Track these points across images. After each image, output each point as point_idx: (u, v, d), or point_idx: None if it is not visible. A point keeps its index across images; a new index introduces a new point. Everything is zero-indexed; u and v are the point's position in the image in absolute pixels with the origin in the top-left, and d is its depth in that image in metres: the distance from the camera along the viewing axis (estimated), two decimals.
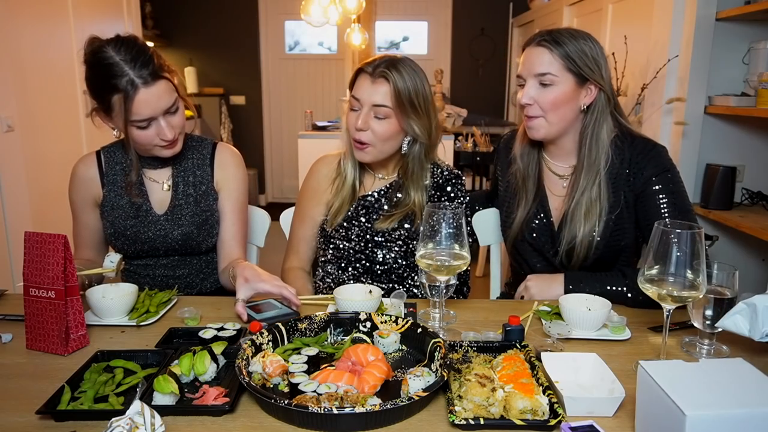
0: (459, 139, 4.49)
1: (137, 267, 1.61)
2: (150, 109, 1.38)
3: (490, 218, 1.78)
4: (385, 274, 1.57)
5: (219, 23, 6.08)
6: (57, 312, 1.12)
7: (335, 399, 0.90)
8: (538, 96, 1.43)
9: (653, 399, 0.79)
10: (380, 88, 1.45)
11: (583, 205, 1.46)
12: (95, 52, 1.38)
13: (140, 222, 1.53)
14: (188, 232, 1.55)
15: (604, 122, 1.46)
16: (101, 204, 1.55)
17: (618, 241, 1.48)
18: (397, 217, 1.53)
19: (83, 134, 3.49)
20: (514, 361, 1.01)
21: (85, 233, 1.59)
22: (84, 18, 3.49)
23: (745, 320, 1.01)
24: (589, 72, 1.42)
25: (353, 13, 4.28)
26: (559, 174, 1.56)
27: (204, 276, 1.65)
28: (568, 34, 1.43)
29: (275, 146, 6.47)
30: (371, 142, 1.48)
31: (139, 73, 1.35)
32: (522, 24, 5.37)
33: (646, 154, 1.45)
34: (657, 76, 2.69)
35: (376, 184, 1.60)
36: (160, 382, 0.93)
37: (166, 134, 1.42)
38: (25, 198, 2.88)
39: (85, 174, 1.56)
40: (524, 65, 1.46)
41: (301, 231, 1.65)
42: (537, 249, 1.57)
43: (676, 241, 0.98)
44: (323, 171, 1.64)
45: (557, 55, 1.41)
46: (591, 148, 1.46)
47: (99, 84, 1.39)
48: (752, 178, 2.63)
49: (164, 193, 1.57)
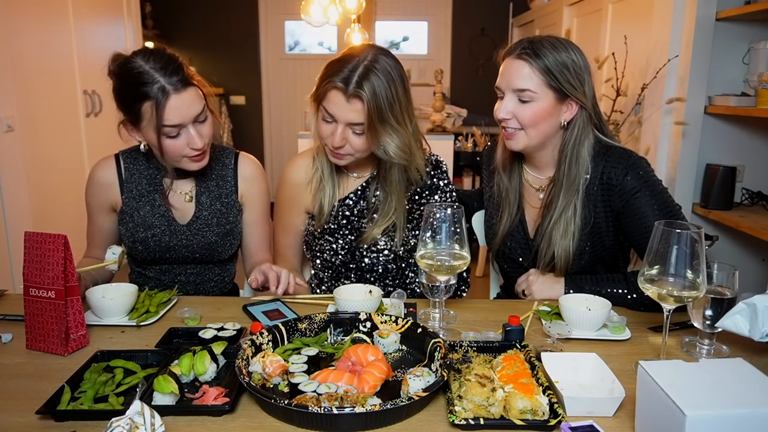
0: (459, 139, 4.49)
1: (149, 271, 1.60)
2: (180, 115, 1.36)
3: None
4: (378, 280, 1.57)
5: (219, 23, 6.08)
6: (57, 312, 1.12)
7: (335, 399, 0.90)
8: (516, 111, 1.38)
9: (653, 399, 0.79)
10: (356, 106, 1.35)
11: (561, 225, 1.42)
12: (123, 63, 1.38)
13: (162, 232, 1.52)
14: (211, 242, 1.54)
15: (585, 139, 1.41)
16: (120, 211, 1.53)
17: (597, 253, 1.46)
18: (379, 230, 1.50)
19: (83, 134, 3.49)
20: (514, 361, 1.01)
21: (98, 234, 1.58)
22: (84, 18, 3.49)
23: (745, 320, 1.01)
24: (570, 89, 1.36)
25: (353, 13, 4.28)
26: (536, 186, 1.53)
27: (215, 283, 1.65)
28: (550, 46, 1.36)
29: (275, 146, 6.47)
30: (349, 152, 1.43)
31: (169, 80, 1.35)
32: (522, 24, 5.37)
33: (625, 166, 1.38)
34: (657, 76, 2.69)
35: (351, 184, 1.56)
36: (160, 382, 0.93)
37: (197, 143, 1.40)
38: (25, 198, 2.88)
39: (103, 179, 1.53)
40: (503, 77, 1.40)
41: (285, 240, 1.63)
42: (512, 258, 1.57)
43: (676, 241, 0.98)
44: (295, 178, 1.57)
45: (537, 70, 1.35)
46: (571, 166, 1.41)
47: (129, 93, 1.37)
48: (752, 178, 2.63)
49: (187, 204, 1.55)
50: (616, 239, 1.46)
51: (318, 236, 1.56)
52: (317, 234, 1.55)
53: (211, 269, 1.62)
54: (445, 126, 4.52)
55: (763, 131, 2.60)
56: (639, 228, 1.38)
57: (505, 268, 1.63)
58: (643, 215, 1.37)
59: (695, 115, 2.59)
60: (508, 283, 1.69)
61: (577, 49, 1.40)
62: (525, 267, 1.54)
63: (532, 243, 1.51)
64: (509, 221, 1.53)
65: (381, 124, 1.37)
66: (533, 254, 1.51)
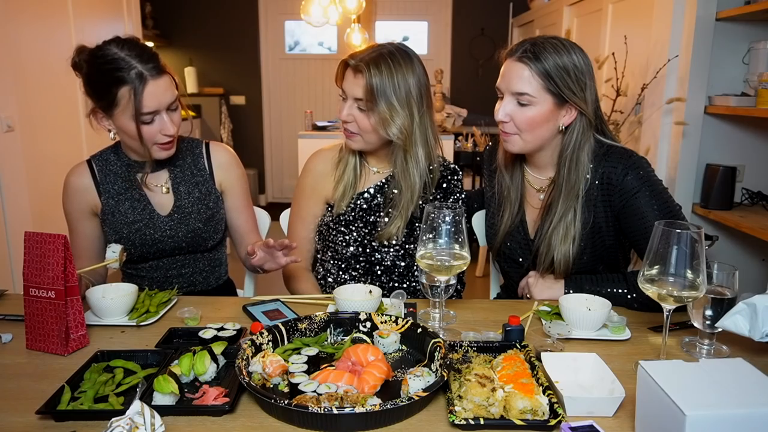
0: (459, 139, 4.49)
1: (141, 270, 1.60)
2: (157, 101, 1.40)
3: None
4: (385, 274, 1.58)
5: (219, 23, 6.08)
6: (57, 312, 1.12)
7: (335, 399, 0.90)
8: (515, 114, 1.37)
9: (653, 399, 0.79)
10: (359, 81, 1.43)
11: (561, 230, 1.42)
12: (96, 51, 1.40)
13: (145, 225, 1.53)
14: (195, 229, 1.56)
15: (585, 144, 1.40)
16: (101, 212, 1.54)
17: (598, 254, 1.46)
18: (395, 228, 1.52)
19: (83, 134, 3.49)
20: (514, 361, 1.01)
21: (83, 244, 1.57)
22: (84, 18, 3.49)
23: (745, 320, 1.01)
24: (570, 94, 1.35)
25: (353, 13, 4.29)
26: (536, 187, 1.53)
27: (207, 274, 1.66)
28: (552, 48, 1.34)
29: (275, 146, 6.47)
30: (357, 131, 1.49)
31: (146, 66, 1.38)
32: (522, 24, 5.37)
33: (625, 166, 1.38)
34: (657, 76, 2.69)
35: (371, 179, 1.59)
36: (160, 382, 0.93)
37: (169, 129, 1.44)
38: (25, 198, 2.88)
39: (79, 184, 1.54)
40: (503, 78, 1.39)
41: (303, 231, 1.65)
42: (513, 259, 1.57)
43: (676, 241, 0.98)
44: (319, 167, 1.63)
45: (536, 74, 1.34)
46: (570, 170, 1.40)
47: (105, 79, 1.38)
48: (752, 178, 2.63)
49: (165, 196, 1.57)
50: (617, 239, 1.46)
51: (333, 227, 1.58)
52: (332, 224, 1.58)
53: (200, 259, 1.64)
54: (445, 126, 4.53)
55: (763, 131, 2.60)
56: (639, 228, 1.38)
57: (506, 268, 1.63)
58: (643, 215, 1.37)
59: (695, 115, 2.59)
60: (508, 283, 1.69)
61: (581, 52, 1.38)
62: (525, 268, 1.54)
63: (532, 244, 1.51)
64: (510, 219, 1.53)
65: (383, 103, 1.42)
66: (533, 255, 1.50)
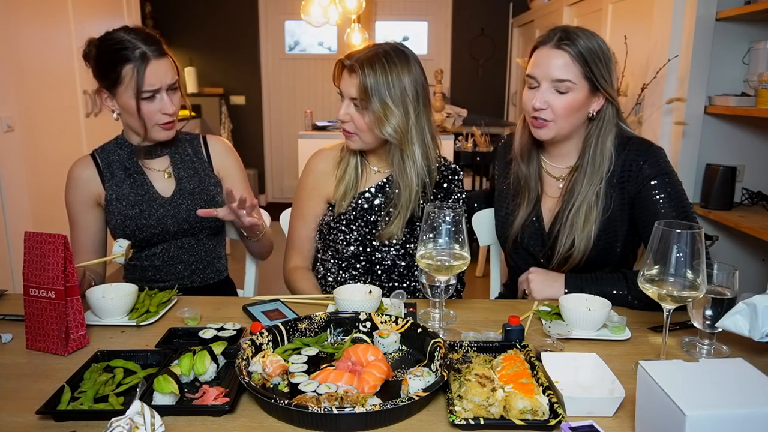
0: (459, 139, 4.49)
1: (143, 259, 1.63)
2: (158, 79, 1.48)
3: (490, 218, 1.77)
4: (385, 274, 1.58)
5: (219, 23, 6.08)
6: (57, 312, 1.12)
7: (335, 399, 0.90)
8: (553, 101, 1.39)
9: (653, 399, 0.79)
10: (354, 80, 1.44)
11: (583, 211, 1.43)
12: (105, 36, 1.50)
13: (150, 207, 1.58)
14: (197, 208, 1.59)
15: (610, 132, 1.44)
16: (105, 200, 1.58)
17: (610, 243, 1.47)
18: (395, 228, 1.52)
19: (83, 134, 3.50)
20: (514, 361, 1.01)
21: (84, 238, 1.59)
22: (84, 18, 3.49)
23: (745, 320, 1.01)
24: (602, 81, 1.38)
25: (353, 13, 4.29)
26: (555, 176, 1.54)
27: (206, 264, 1.70)
28: (584, 36, 1.37)
29: (275, 146, 6.46)
30: (354, 131, 1.50)
31: (149, 47, 1.47)
32: (522, 24, 5.37)
33: (643, 155, 1.42)
34: (657, 76, 2.69)
35: (372, 178, 1.60)
36: (160, 382, 0.93)
37: (168, 107, 1.51)
38: (25, 198, 2.89)
39: (82, 174, 1.58)
40: (539, 67, 1.40)
41: (304, 230, 1.65)
42: (526, 250, 1.57)
43: (676, 241, 0.98)
44: (320, 167, 1.63)
45: (576, 61, 1.36)
46: (595, 156, 1.43)
47: (111, 57, 1.47)
48: (752, 178, 2.63)
49: (166, 181, 1.63)
50: (629, 231, 1.47)
51: (334, 226, 1.58)
52: (333, 224, 1.58)
53: (200, 248, 1.67)
54: (445, 126, 4.53)
55: (763, 131, 2.60)
56: (650, 216, 1.38)
57: (519, 263, 1.61)
58: (656, 203, 1.39)
59: (695, 115, 2.59)
60: (514, 280, 1.68)
61: (602, 39, 1.41)
62: (539, 261, 1.54)
63: (547, 236, 1.51)
64: (528, 209, 1.54)
65: (377, 102, 1.43)
66: (548, 247, 1.50)
